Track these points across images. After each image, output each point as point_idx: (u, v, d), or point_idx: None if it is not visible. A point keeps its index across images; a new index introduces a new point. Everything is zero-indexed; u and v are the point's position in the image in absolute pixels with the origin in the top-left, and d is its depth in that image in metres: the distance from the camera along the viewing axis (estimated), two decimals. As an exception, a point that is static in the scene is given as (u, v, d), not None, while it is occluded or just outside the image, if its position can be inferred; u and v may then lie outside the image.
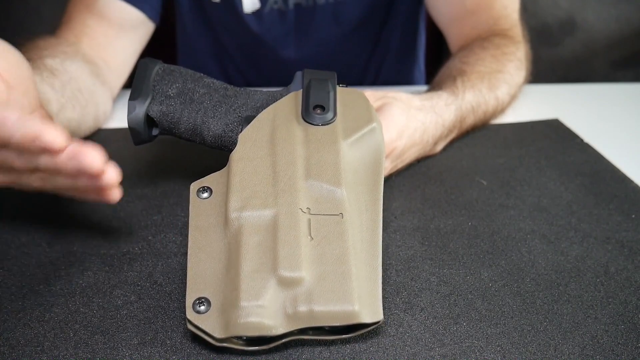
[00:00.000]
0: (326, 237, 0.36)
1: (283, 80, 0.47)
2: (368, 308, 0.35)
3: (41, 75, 0.53)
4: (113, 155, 0.60)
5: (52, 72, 0.55)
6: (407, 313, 0.40)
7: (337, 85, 0.46)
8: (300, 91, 0.45)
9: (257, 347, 0.35)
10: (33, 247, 0.46)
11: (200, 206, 0.39)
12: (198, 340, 0.37)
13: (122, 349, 0.36)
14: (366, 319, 0.34)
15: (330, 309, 0.34)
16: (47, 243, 0.46)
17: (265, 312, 0.34)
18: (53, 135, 0.34)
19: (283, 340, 0.35)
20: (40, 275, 0.43)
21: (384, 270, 0.43)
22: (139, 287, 0.42)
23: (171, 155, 0.60)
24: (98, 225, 0.48)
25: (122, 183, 0.55)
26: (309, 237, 0.36)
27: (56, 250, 0.45)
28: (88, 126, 0.61)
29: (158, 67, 0.46)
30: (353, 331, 0.35)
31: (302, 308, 0.34)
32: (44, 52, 0.57)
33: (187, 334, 0.37)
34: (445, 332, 0.38)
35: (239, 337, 0.35)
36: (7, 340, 0.37)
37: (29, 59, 0.53)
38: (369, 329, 0.35)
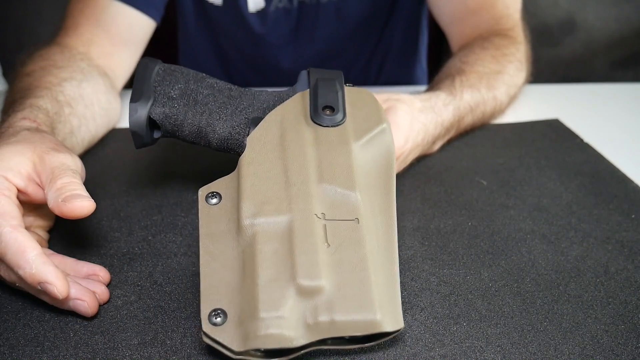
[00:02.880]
0: (343, 244, 0.35)
1: (284, 82, 0.47)
2: (389, 316, 0.34)
3: (62, 113, 0.54)
4: (113, 155, 0.60)
5: (70, 104, 0.55)
6: (407, 313, 0.40)
7: (345, 85, 0.45)
8: (307, 91, 0.44)
9: (278, 359, 0.34)
10: (33, 247, 0.46)
11: (210, 212, 0.37)
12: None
13: (122, 349, 0.36)
14: (388, 327, 0.33)
15: (352, 318, 0.33)
16: (47, 243, 0.46)
17: (286, 323, 0.32)
18: (60, 287, 0.36)
19: (303, 352, 0.34)
20: (40, 275, 0.43)
21: (384, 270, 0.43)
22: (139, 287, 0.42)
23: (171, 155, 0.60)
24: (98, 225, 0.48)
25: (122, 183, 0.55)
26: (326, 244, 0.35)
27: (56, 250, 0.45)
28: (100, 136, 0.62)
29: (158, 67, 0.44)
30: (373, 340, 0.34)
31: (323, 318, 0.33)
32: (62, 73, 0.58)
33: (187, 334, 0.37)
34: (445, 332, 0.38)
35: (257, 349, 0.33)
36: (7, 340, 0.37)
37: (50, 83, 0.55)
38: (390, 337, 0.34)
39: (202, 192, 0.38)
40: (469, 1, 0.72)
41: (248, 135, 0.42)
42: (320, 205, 0.37)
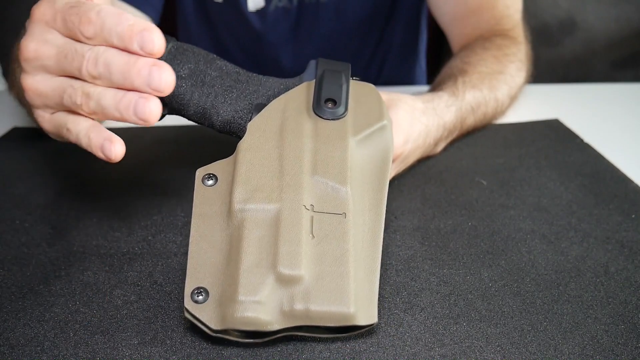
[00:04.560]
0: (327, 237, 0.36)
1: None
2: (363, 310, 0.35)
3: None
4: (113, 155, 0.60)
5: None
6: (407, 313, 0.40)
7: (350, 78, 0.45)
8: (313, 82, 0.44)
9: (252, 340, 0.35)
10: (33, 247, 0.46)
11: (205, 193, 0.39)
12: (195, 329, 0.37)
13: (122, 349, 0.36)
14: (361, 321, 0.34)
15: (326, 309, 0.34)
16: (47, 243, 0.46)
17: (262, 308, 0.34)
18: (152, 37, 0.34)
19: (278, 335, 0.35)
20: (40, 275, 0.43)
21: (384, 270, 0.43)
22: (139, 287, 0.42)
23: (171, 155, 0.60)
24: (98, 225, 0.48)
25: (122, 183, 0.55)
26: (311, 235, 0.36)
27: (56, 250, 0.45)
28: None
29: (171, 45, 0.44)
30: (348, 331, 0.35)
31: (299, 306, 0.34)
32: None
33: (187, 334, 0.37)
34: (445, 332, 0.38)
35: (235, 329, 0.35)
36: (7, 340, 0.37)
37: None
38: (363, 330, 0.35)
39: (200, 173, 0.40)
40: (470, 1, 0.72)
41: (250, 120, 0.42)
42: (310, 197, 0.38)
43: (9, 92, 0.63)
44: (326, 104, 0.42)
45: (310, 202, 0.37)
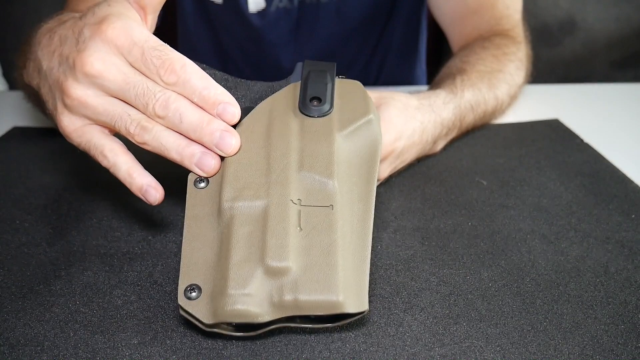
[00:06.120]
0: (315, 228, 0.37)
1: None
2: (353, 298, 0.35)
3: None
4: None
5: None
6: (407, 313, 0.40)
7: (336, 77, 0.46)
8: (299, 83, 0.45)
9: (245, 333, 0.36)
10: (33, 247, 0.46)
11: (197, 196, 0.40)
12: (191, 326, 0.37)
13: (122, 349, 0.36)
14: (351, 309, 0.35)
15: (315, 298, 0.34)
16: (47, 243, 0.46)
17: (252, 300, 0.34)
18: (234, 111, 0.38)
19: (270, 327, 0.36)
20: (40, 275, 0.43)
21: (384, 270, 0.43)
22: (139, 287, 0.42)
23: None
24: (98, 225, 0.48)
25: (122, 183, 0.55)
26: (298, 228, 0.37)
27: (56, 250, 0.45)
28: None
29: None
30: (339, 320, 0.36)
31: (288, 297, 0.34)
32: None
33: (187, 334, 0.38)
34: (445, 332, 0.38)
35: (229, 323, 0.35)
36: (7, 340, 0.37)
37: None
38: (354, 318, 0.36)
39: (192, 176, 0.41)
40: (470, 1, 0.72)
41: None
42: (297, 191, 0.38)
43: (16, 74, 0.62)
44: (312, 102, 0.43)
45: (297, 197, 0.38)
